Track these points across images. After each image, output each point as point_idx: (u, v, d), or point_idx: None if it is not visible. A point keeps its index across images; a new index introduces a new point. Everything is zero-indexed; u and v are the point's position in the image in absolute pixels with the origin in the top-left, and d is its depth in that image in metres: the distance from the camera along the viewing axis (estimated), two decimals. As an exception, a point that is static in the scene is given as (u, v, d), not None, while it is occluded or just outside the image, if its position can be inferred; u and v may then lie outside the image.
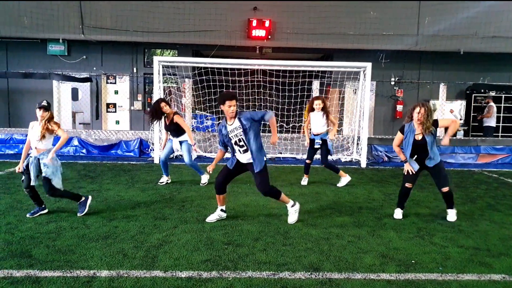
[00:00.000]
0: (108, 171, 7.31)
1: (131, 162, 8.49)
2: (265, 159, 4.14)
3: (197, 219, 4.41)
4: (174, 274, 3.03)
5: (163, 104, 6.04)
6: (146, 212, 4.65)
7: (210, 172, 4.32)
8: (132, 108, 12.30)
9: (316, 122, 6.22)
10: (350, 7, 10.78)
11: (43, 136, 4.28)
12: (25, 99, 12.02)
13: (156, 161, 8.47)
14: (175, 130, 6.15)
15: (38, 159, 4.31)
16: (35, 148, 4.32)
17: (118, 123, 12.42)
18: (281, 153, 9.59)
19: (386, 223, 4.45)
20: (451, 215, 4.68)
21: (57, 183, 4.34)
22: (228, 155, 4.32)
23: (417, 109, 4.35)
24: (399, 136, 4.60)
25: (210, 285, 2.87)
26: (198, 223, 4.26)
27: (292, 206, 4.39)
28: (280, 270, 3.15)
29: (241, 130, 3.99)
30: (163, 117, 6.15)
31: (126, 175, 6.95)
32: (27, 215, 4.38)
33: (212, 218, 4.37)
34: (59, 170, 4.40)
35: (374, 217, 4.68)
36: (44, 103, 4.30)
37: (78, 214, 4.45)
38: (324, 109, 6.17)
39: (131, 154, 9.40)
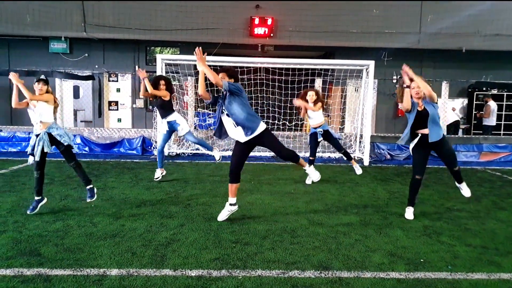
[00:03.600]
0: (112, 169, 7.30)
1: (134, 160, 8.48)
2: (260, 125, 4.13)
3: (203, 217, 4.41)
4: (184, 272, 3.03)
5: (161, 82, 6.01)
6: (152, 210, 4.65)
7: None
8: (134, 106, 12.27)
9: (313, 115, 6.26)
10: (352, 5, 10.75)
11: (45, 102, 4.24)
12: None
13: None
14: (162, 106, 6.09)
15: (48, 133, 4.32)
16: (40, 122, 4.29)
17: (120, 121, 12.40)
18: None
19: (392, 222, 4.46)
20: (465, 189, 4.74)
21: (74, 150, 4.49)
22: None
23: (412, 86, 4.28)
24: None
25: (221, 283, 2.87)
26: (204, 222, 4.26)
27: (309, 167, 4.61)
28: (290, 268, 3.15)
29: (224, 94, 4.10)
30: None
31: (130, 173, 6.94)
32: (28, 212, 4.36)
33: (223, 215, 4.29)
34: (71, 136, 4.49)
35: (380, 216, 4.68)
36: (43, 76, 4.33)
37: (88, 200, 4.54)
38: (317, 101, 6.15)
39: (134, 152, 9.38)
